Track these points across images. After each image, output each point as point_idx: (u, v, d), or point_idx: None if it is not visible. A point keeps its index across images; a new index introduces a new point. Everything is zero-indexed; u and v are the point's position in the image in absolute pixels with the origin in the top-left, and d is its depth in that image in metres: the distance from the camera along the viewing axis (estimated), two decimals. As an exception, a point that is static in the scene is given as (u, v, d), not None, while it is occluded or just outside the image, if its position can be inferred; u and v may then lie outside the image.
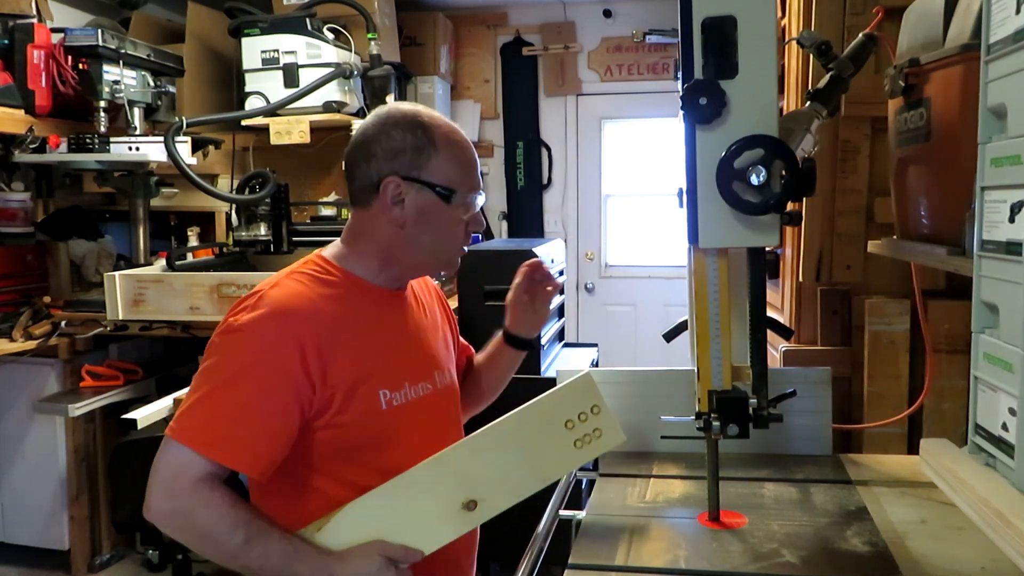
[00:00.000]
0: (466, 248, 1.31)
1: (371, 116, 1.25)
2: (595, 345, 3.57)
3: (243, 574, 1.14)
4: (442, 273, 1.37)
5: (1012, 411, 1.13)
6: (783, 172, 1.12)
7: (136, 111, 3.01)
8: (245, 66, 3.50)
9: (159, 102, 3.11)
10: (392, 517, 1.18)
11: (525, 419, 1.21)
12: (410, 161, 1.21)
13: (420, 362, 1.31)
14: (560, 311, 3.33)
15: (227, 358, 1.13)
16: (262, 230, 3.14)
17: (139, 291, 2.85)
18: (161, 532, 1.13)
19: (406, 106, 1.26)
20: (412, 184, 1.21)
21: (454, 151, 1.23)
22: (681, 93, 1.14)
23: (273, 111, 3.40)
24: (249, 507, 1.15)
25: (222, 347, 1.15)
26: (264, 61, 3.46)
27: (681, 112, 1.15)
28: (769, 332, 1.29)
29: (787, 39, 2.12)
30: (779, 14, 1.70)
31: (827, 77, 1.41)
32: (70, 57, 2.88)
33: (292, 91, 3.39)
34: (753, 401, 1.22)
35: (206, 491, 1.09)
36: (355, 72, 3.52)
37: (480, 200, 1.28)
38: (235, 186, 3.35)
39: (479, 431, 1.22)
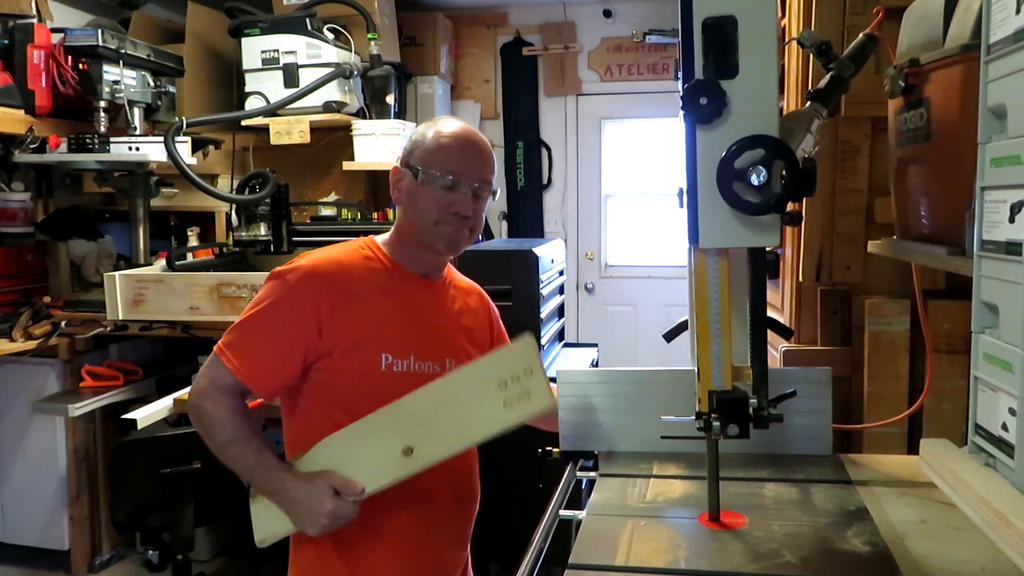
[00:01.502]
0: (451, 227, 1.45)
1: None
2: (595, 345, 3.57)
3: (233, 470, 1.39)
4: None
5: (1012, 411, 1.13)
6: (783, 172, 1.12)
7: (136, 111, 3.02)
8: (245, 66, 3.50)
9: (159, 102, 3.12)
10: (348, 454, 1.34)
11: (465, 376, 1.32)
12: (408, 151, 1.47)
13: (434, 344, 1.47)
14: (560, 311, 3.33)
15: (262, 297, 1.40)
16: (262, 230, 3.14)
17: (139, 291, 2.85)
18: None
19: (441, 116, 1.56)
20: (405, 169, 1.46)
21: (440, 141, 1.45)
22: (681, 93, 1.14)
23: (273, 111, 3.40)
24: (247, 420, 1.38)
25: (264, 288, 1.42)
26: (264, 61, 3.47)
27: (681, 112, 1.15)
28: (769, 332, 1.29)
29: (787, 39, 2.12)
30: (779, 14, 1.70)
31: (827, 77, 1.41)
32: (70, 57, 2.88)
33: (292, 91, 3.39)
34: (753, 401, 1.22)
35: (219, 395, 1.37)
36: (355, 72, 3.52)
37: (469, 185, 1.45)
38: (235, 186, 3.36)
39: (428, 384, 1.34)
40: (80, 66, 2.87)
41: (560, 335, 3.36)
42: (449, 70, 4.55)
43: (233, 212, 3.20)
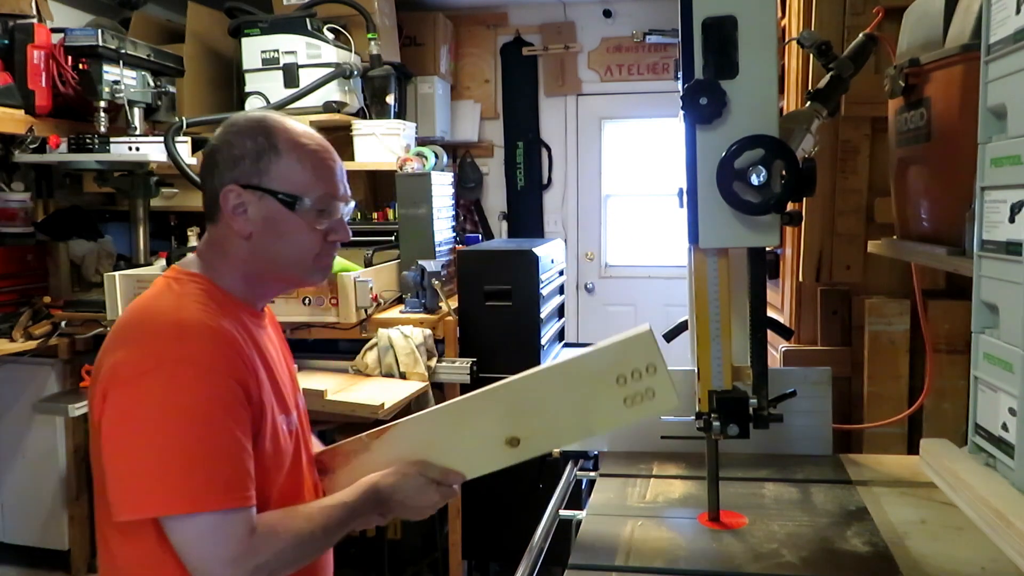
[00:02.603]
0: (331, 257, 1.21)
1: (220, 126, 1.19)
2: (595, 345, 3.57)
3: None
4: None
5: (1012, 411, 1.13)
6: (783, 172, 1.12)
7: (136, 111, 3.01)
8: (245, 66, 3.50)
9: (159, 102, 3.11)
10: (439, 440, 1.22)
11: (578, 367, 1.19)
12: (250, 168, 1.13)
13: (289, 388, 1.24)
14: (560, 311, 3.33)
15: (183, 397, 1.01)
16: (262, 230, 3.14)
17: (139, 291, 2.84)
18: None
19: (255, 112, 1.17)
20: (253, 192, 1.13)
21: (300, 154, 1.14)
22: (681, 93, 1.14)
23: (268, 111, 3.40)
24: (287, 510, 1.11)
25: (164, 385, 1.01)
26: (264, 61, 3.47)
27: (681, 112, 1.15)
28: (769, 332, 1.29)
29: (787, 39, 2.12)
30: (779, 14, 1.70)
31: (827, 77, 1.41)
32: (70, 57, 2.87)
33: (292, 91, 3.39)
34: (753, 401, 1.22)
35: (260, 533, 1.04)
36: (355, 72, 3.52)
37: (344, 208, 1.20)
38: (235, 186, 3.35)
39: (533, 371, 1.22)
40: (80, 66, 2.86)
41: (560, 335, 3.36)
42: (449, 70, 4.55)
43: (233, 212, 3.19)
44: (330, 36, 3.51)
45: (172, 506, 0.99)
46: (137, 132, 3.00)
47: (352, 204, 1.23)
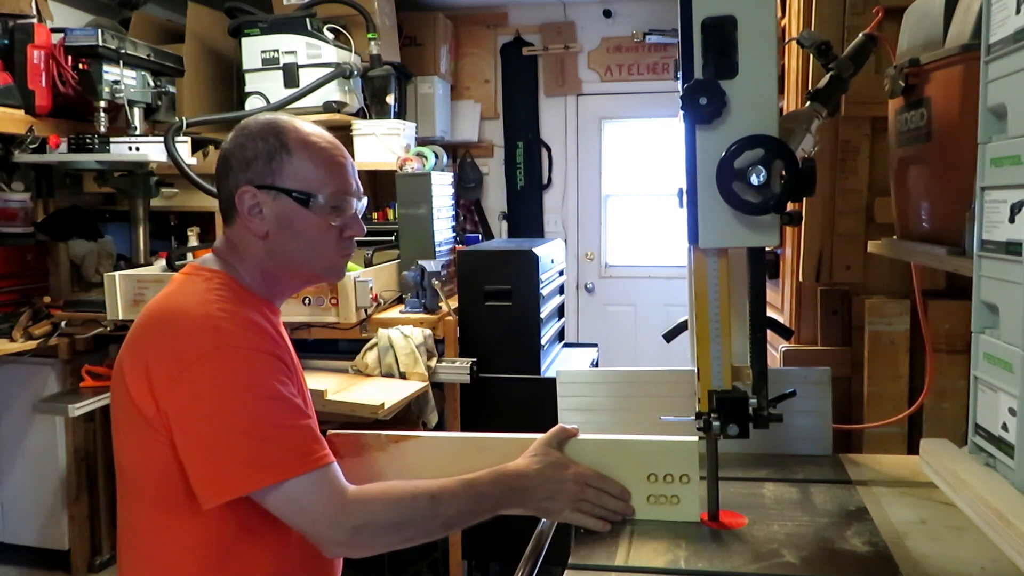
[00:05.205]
0: (346, 254, 1.26)
1: (232, 132, 1.23)
2: (595, 345, 3.57)
3: (444, 535, 1.18)
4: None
5: (1012, 411, 1.13)
6: (783, 172, 1.12)
7: (136, 111, 3.01)
8: (245, 66, 3.50)
9: (159, 102, 3.11)
10: (455, 465, 1.20)
11: (617, 448, 1.24)
12: (263, 168, 1.16)
13: (306, 387, 1.27)
14: (560, 311, 3.33)
15: (241, 380, 1.06)
16: (262, 230, 3.14)
17: (139, 291, 2.85)
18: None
19: (265, 115, 1.23)
20: (268, 192, 1.17)
21: (311, 153, 1.18)
22: (681, 93, 1.14)
23: (273, 111, 3.40)
24: (395, 481, 1.15)
25: (217, 370, 1.05)
26: (264, 61, 3.47)
27: (681, 112, 1.15)
28: (769, 332, 1.29)
29: (787, 39, 2.12)
30: (779, 14, 1.70)
31: (827, 77, 1.41)
32: (70, 57, 2.87)
33: (292, 91, 3.39)
34: (753, 401, 1.22)
35: (352, 494, 1.09)
36: (355, 72, 3.52)
37: (357, 204, 1.24)
38: (235, 186, 3.34)
39: (580, 437, 1.24)
40: (80, 66, 2.86)
41: (560, 335, 3.37)
42: (449, 70, 4.55)
43: (233, 212, 3.19)
44: (330, 36, 3.52)
45: (258, 480, 1.04)
46: (137, 132, 3.00)
47: (365, 200, 1.27)
